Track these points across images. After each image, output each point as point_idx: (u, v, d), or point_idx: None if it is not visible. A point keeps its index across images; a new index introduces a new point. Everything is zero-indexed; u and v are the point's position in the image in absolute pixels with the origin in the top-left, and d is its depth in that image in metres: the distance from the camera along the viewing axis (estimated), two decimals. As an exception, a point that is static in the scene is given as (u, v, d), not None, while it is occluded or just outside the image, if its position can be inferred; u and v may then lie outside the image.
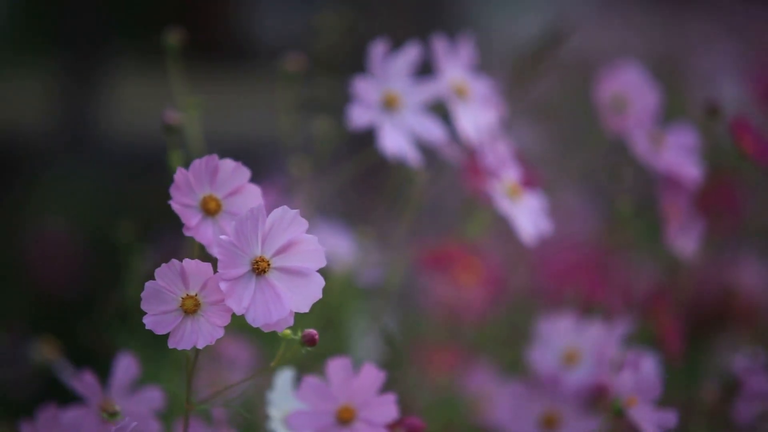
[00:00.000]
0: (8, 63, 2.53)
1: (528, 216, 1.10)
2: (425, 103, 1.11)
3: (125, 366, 0.92)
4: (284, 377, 0.91)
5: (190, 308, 0.78)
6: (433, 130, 1.10)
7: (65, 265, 2.09)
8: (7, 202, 2.28)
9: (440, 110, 1.12)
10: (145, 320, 0.77)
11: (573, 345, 1.13)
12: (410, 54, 1.10)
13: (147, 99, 2.36)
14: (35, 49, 2.54)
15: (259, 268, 0.78)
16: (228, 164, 0.83)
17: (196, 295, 0.78)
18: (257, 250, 0.78)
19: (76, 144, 2.45)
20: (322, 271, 0.79)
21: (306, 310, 0.78)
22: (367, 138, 1.09)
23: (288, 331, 0.80)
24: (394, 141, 1.08)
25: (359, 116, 1.07)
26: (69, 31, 2.49)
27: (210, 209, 0.83)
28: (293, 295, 0.78)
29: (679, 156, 1.19)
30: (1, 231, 2.20)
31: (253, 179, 0.84)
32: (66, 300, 2.04)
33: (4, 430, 1.23)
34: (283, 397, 0.90)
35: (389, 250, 1.29)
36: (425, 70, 1.12)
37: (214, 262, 0.78)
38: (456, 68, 1.12)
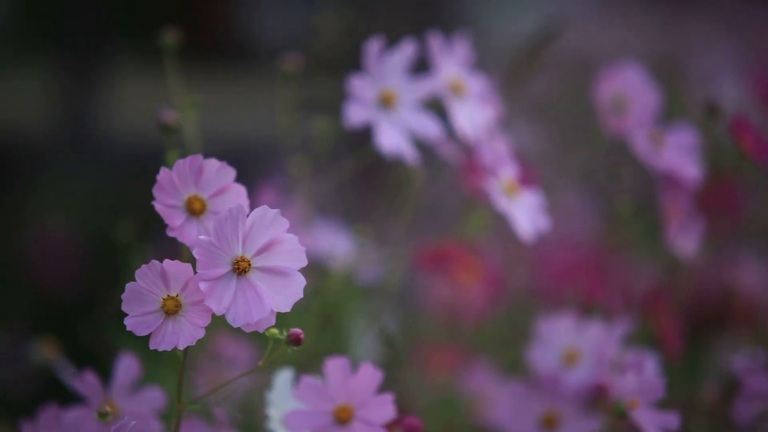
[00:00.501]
0: (8, 63, 2.53)
1: (526, 213, 1.10)
2: (422, 100, 1.11)
3: (126, 366, 0.92)
4: (283, 377, 0.91)
5: (171, 309, 0.78)
6: (429, 127, 1.10)
7: (65, 265, 2.09)
8: (7, 202, 2.28)
9: (437, 107, 1.12)
10: (126, 321, 0.77)
11: (573, 345, 1.13)
12: (406, 51, 1.10)
13: (147, 99, 2.36)
14: (35, 49, 2.54)
15: (239, 268, 0.77)
16: (213, 164, 0.82)
17: (177, 295, 0.78)
18: (238, 249, 0.78)
19: (76, 144, 2.45)
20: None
21: (287, 309, 0.78)
22: (366, 137, 1.09)
23: (274, 331, 0.79)
24: (391, 139, 1.08)
25: (355, 114, 1.07)
26: (69, 31, 2.49)
27: (195, 210, 0.82)
28: (274, 295, 0.78)
29: (679, 156, 1.19)
30: (1, 231, 2.20)
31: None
32: (66, 300, 2.04)
33: (4, 430, 1.23)
34: (283, 397, 0.90)
35: (388, 249, 1.29)
36: (423, 67, 1.11)
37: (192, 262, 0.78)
38: (452, 65, 1.12)
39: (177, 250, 0.95)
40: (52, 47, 2.52)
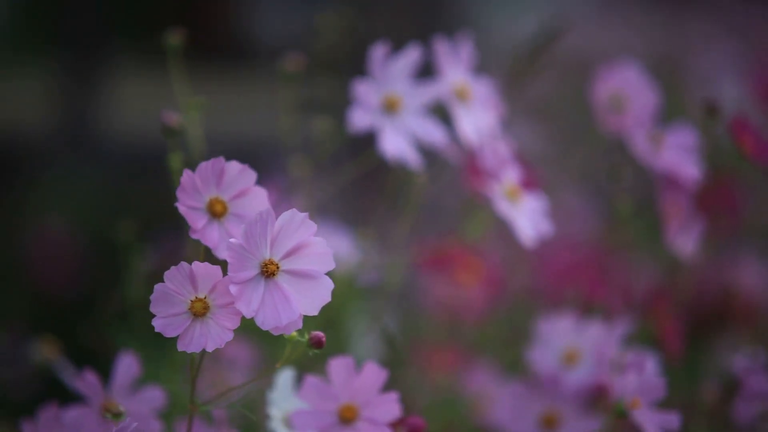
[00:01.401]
0: (8, 63, 2.53)
1: (528, 218, 1.10)
2: (426, 105, 1.11)
3: (126, 365, 0.92)
4: (285, 377, 0.91)
5: (199, 311, 0.78)
6: (434, 133, 1.10)
7: (65, 265, 2.09)
8: (7, 202, 2.28)
9: (440, 112, 1.11)
10: (155, 323, 0.77)
11: (573, 345, 1.13)
12: (411, 56, 1.09)
13: (147, 99, 2.36)
14: (35, 49, 2.54)
15: (268, 271, 0.78)
16: (234, 166, 0.82)
17: (205, 297, 0.78)
18: (266, 252, 0.78)
19: (76, 144, 2.45)
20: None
21: (315, 312, 0.78)
22: (367, 138, 1.09)
23: (295, 333, 0.80)
24: (395, 144, 1.08)
25: (360, 119, 1.07)
26: (69, 31, 2.49)
27: (216, 212, 0.83)
28: (302, 298, 0.78)
29: (678, 156, 1.19)
30: (1, 231, 2.20)
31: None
32: (66, 300, 2.04)
33: (5, 430, 1.23)
34: (284, 396, 0.91)
35: (389, 251, 1.29)
36: (425, 69, 1.11)
37: (219, 264, 0.78)
38: (457, 70, 1.12)
39: (177, 250, 0.95)
40: (52, 47, 2.52)
